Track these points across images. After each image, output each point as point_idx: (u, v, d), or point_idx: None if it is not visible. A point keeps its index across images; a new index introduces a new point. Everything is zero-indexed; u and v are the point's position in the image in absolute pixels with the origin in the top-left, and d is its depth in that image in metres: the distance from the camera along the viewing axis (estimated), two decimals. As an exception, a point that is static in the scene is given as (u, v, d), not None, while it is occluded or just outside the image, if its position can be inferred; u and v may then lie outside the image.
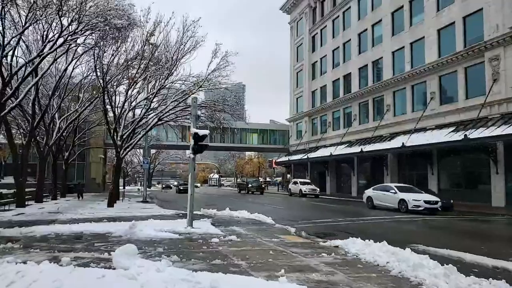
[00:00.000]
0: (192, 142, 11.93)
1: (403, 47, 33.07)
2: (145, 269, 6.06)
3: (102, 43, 20.03)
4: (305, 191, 36.41)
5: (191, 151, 12.06)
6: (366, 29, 38.58)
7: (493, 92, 24.02)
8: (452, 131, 25.85)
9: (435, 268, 6.39)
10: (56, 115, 25.88)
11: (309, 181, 40.14)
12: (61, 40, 15.95)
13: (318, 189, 37.38)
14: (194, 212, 16.30)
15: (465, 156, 26.13)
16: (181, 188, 48.74)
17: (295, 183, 39.62)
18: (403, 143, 28.26)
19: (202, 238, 10.16)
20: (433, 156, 28.57)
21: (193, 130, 11.89)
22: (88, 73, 26.35)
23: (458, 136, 24.23)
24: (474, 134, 23.11)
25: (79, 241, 9.36)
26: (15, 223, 12.72)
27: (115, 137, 22.27)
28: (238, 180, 58.18)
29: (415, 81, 31.52)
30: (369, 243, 8.59)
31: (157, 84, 23.81)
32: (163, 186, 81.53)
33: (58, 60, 24.67)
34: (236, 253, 8.21)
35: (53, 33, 17.20)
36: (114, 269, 6.26)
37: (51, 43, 16.16)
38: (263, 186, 34.72)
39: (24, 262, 6.52)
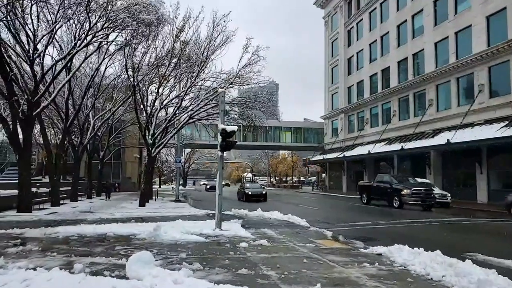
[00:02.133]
0: (219, 139, 11.20)
1: (447, 37, 30.86)
2: (161, 279, 5.35)
3: (133, 41, 19.85)
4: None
5: (219, 148, 11.35)
6: (406, 20, 36.50)
7: (552, 82, 21.72)
8: (504, 126, 23.63)
9: (507, 287, 5.23)
10: (90, 114, 26.12)
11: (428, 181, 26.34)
12: (90, 37, 15.75)
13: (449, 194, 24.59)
14: (225, 212, 15.70)
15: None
16: (208, 187, 52.09)
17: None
18: (448, 140, 26.29)
19: (230, 241, 9.39)
20: (482, 153, 26.37)
21: (221, 126, 11.16)
22: (121, 72, 26.44)
23: (512, 131, 22.11)
24: (531, 129, 20.98)
25: (100, 244, 8.85)
26: (44, 223, 12.56)
27: (146, 135, 22.06)
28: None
29: (460, 73, 29.31)
30: (418, 251, 7.48)
31: (188, 83, 23.40)
32: (208, 186, 76.90)
33: (90, 59, 25.07)
34: (265, 260, 7.36)
35: (84, 31, 17.05)
36: (127, 278, 5.61)
37: (80, 41, 16.01)
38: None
39: (34, 269, 6.00)
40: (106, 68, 24.95)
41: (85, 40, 15.50)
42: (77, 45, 15.68)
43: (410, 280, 6.01)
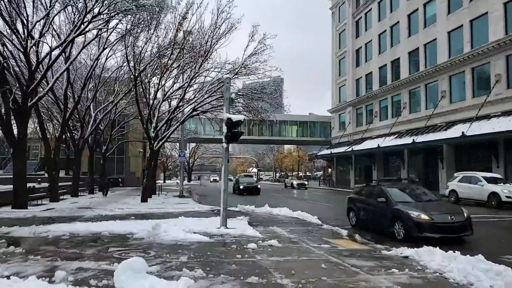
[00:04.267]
0: (225, 129, 10.26)
1: (461, 25, 29.54)
2: (154, 293, 4.42)
3: (134, 29, 18.90)
4: None
5: (224, 140, 10.40)
6: (417, 9, 35.14)
7: None
8: (523, 118, 22.50)
9: None
10: (91, 107, 25.27)
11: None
12: (87, 23, 14.82)
13: None
14: (230, 209, 14.79)
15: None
16: (211, 180, 51.93)
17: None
18: (463, 133, 25.14)
19: (236, 242, 8.48)
20: (499, 146, 25.18)
21: (226, 115, 10.21)
22: (123, 64, 25.51)
23: (532, 123, 20.96)
24: (553, 120, 19.81)
25: (93, 245, 7.97)
26: (37, 220, 11.72)
27: (148, 129, 21.18)
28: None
29: (476, 63, 28.03)
30: (454, 255, 6.51)
31: (191, 73, 22.44)
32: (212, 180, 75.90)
33: (91, 50, 24.20)
34: (278, 265, 6.43)
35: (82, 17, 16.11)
36: (115, 291, 4.70)
37: (77, 27, 15.09)
38: (258, 186, 31.05)
39: (8, 277, 5.10)
40: (106, 59, 24.04)
41: (82, 25, 14.56)
42: (74, 31, 14.76)
43: (453, 292, 5.05)
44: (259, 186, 31.04)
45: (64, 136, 24.27)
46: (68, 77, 19.76)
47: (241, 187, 30.34)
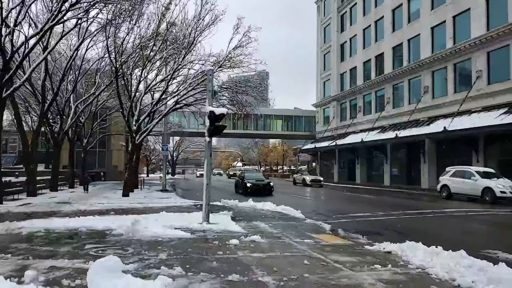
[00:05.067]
0: (207, 122, 10.03)
1: (444, 21, 29.86)
2: (129, 294, 4.22)
3: (115, 20, 18.36)
4: None
5: (206, 133, 10.18)
6: (401, 4, 35.35)
7: (554, 67, 20.93)
8: (503, 113, 22.87)
9: (561, 300, 4.24)
10: (71, 99, 24.60)
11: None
12: (65, 11, 14.27)
13: None
14: (214, 203, 14.60)
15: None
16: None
17: None
18: (445, 128, 25.49)
19: (218, 237, 8.31)
20: (479, 141, 25.64)
21: (208, 108, 9.97)
22: (104, 55, 24.87)
23: (512, 118, 21.35)
24: (532, 115, 20.21)
25: (69, 242, 7.67)
26: (11, 216, 11.27)
27: (130, 121, 20.75)
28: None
29: (458, 59, 28.40)
30: (436, 250, 6.48)
31: (174, 65, 22.03)
32: (214, 173, 77.18)
33: (71, 40, 23.50)
34: (260, 262, 6.29)
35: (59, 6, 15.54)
36: (87, 291, 4.47)
37: (54, 15, 14.52)
38: (271, 184, 23.79)
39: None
40: (87, 50, 23.35)
41: (60, 14, 14.01)
42: (52, 19, 14.20)
43: (436, 289, 4.99)
44: (271, 184, 23.81)
45: (42, 129, 23.58)
46: (46, 68, 19.13)
47: (248, 185, 23.01)
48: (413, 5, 34.08)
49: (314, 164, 55.46)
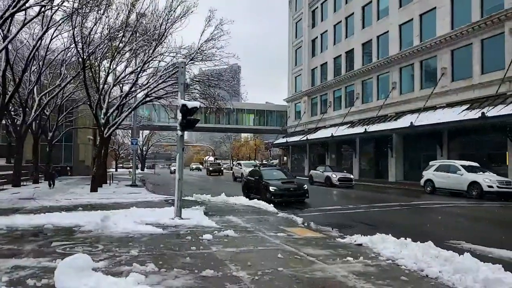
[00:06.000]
0: (179, 116, 9.86)
1: (412, 19, 30.69)
2: (99, 293, 4.09)
3: (82, 9, 17.64)
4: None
5: (178, 127, 10.01)
6: (371, 1, 36.03)
7: (513, 66, 21.95)
8: (465, 109, 23.86)
9: (521, 287, 4.46)
10: (35, 90, 23.55)
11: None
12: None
13: None
14: (185, 198, 14.44)
15: (479, 136, 24.19)
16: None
17: None
18: (411, 123, 26.29)
19: (191, 233, 8.22)
20: (443, 136, 26.64)
21: (181, 101, 9.80)
22: (70, 45, 23.91)
23: (474, 114, 22.27)
24: (492, 112, 21.16)
25: (34, 239, 7.37)
26: (-30, 213, 10.70)
27: (98, 114, 20.11)
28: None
29: (424, 56, 29.32)
30: (405, 242, 6.68)
31: (144, 57, 21.51)
32: (192, 168, 75.31)
33: (33, 29, 22.45)
34: (234, 256, 6.28)
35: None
36: (55, 292, 4.30)
37: (17, 3, 13.78)
38: (305, 187, 15.79)
39: None
40: (51, 40, 22.34)
41: (22, 0, 13.30)
42: (12, 6, 13.46)
43: (405, 279, 5.14)
44: (305, 187, 15.65)
45: (4, 122, 22.49)
46: (7, 58, 18.16)
47: (272, 189, 14.93)
48: (382, 3, 34.79)
49: (285, 158, 55.94)
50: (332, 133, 36.94)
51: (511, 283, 4.53)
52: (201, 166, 79.81)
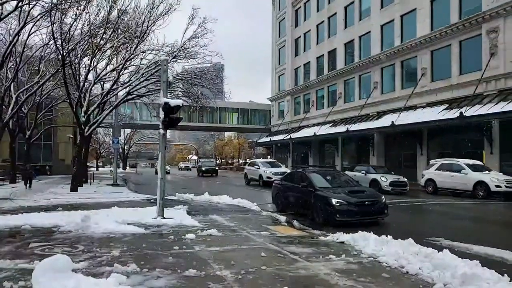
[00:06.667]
0: (162, 114, 9.76)
1: (393, 20, 31.15)
2: (80, 294, 4.01)
3: (61, 4, 17.24)
4: None
5: (161, 126, 9.91)
6: (353, 2, 36.39)
7: (490, 67, 22.50)
8: (445, 109, 24.39)
9: (497, 282, 4.59)
10: (12, 87, 22.92)
11: None
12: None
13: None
14: (168, 197, 14.31)
15: (457, 134, 24.77)
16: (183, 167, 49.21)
17: None
18: (392, 122, 26.69)
19: (174, 232, 8.16)
20: (423, 135, 27.17)
21: (163, 99, 9.70)
22: (49, 42, 23.36)
23: (452, 114, 22.76)
24: (470, 111, 21.68)
25: (11, 241, 7.18)
26: None
27: (78, 113, 19.74)
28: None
29: (405, 57, 29.81)
30: (386, 239, 6.79)
31: (126, 55, 21.21)
32: (180, 167, 70.84)
33: (10, 24, 21.88)
34: (217, 256, 6.26)
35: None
36: (33, 294, 4.19)
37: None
38: (383, 200, 10.54)
39: None
40: (29, 35, 21.77)
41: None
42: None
43: (386, 276, 5.23)
44: (383, 199, 10.68)
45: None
46: (-18, 54, 17.67)
47: (336, 203, 9.86)
48: (364, 3, 35.17)
49: (269, 157, 56.07)
50: (315, 132, 37.19)
51: (487, 278, 4.66)
52: (190, 165, 74.30)
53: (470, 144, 24.20)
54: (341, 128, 33.71)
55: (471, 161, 18.57)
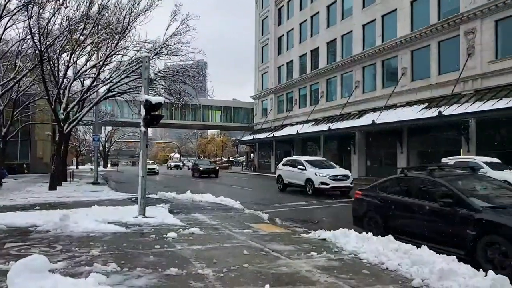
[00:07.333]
0: (143, 112, 9.63)
1: (374, 20, 31.57)
2: (58, 295, 3.92)
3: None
4: None
5: (142, 123, 9.78)
6: (336, 1, 36.67)
7: (467, 67, 23.09)
8: (424, 108, 24.90)
9: (473, 277, 4.71)
10: (-14, 84, 22.20)
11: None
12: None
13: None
14: (150, 196, 14.17)
15: (436, 133, 25.32)
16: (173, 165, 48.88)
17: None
18: (373, 121, 27.08)
19: (155, 231, 8.07)
20: (403, 134, 27.66)
21: (144, 96, 9.58)
22: (26, 36, 22.72)
23: (431, 113, 23.25)
24: (448, 111, 22.20)
25: (-15, 241, 6.97)
26: None
27: (57, 110, 19.30)
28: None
29: (386, 56, 30.26)
30: (367, 236, 6.87)
31: (107, 51, 20.85)
32: (170, 166, 64.91)
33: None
34: (199, 254, 6.23)
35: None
36: (8, 296, 4.08)
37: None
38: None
39: None
40: (5, 30, 21.11)
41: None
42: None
43: (366, 272, 5.30)
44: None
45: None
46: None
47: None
48: (346, 3, 35.50)
49: (252, 155, 56.13)
50: (297, 130, 37.40)
51: (464, 273, 4.78)
52: (181, 164, 67.53)
53: (449, 142, 24.77)
54: (323, 127, 34.01)
55: (489, 159, 16.30)
